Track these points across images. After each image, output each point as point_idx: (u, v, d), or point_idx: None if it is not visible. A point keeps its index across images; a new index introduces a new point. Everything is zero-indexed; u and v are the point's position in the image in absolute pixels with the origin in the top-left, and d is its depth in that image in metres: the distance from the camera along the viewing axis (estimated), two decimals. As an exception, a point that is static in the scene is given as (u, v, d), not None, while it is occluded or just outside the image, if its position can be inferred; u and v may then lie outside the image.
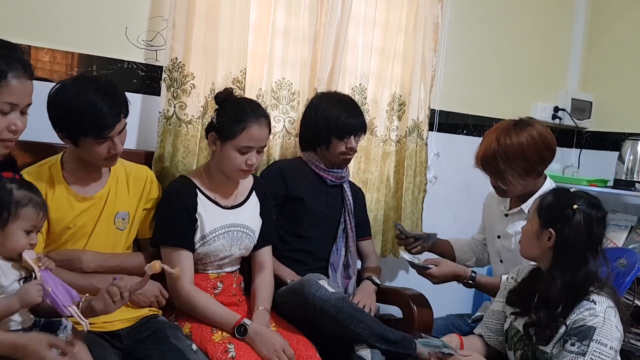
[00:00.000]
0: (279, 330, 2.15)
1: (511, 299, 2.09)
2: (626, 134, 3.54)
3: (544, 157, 2.33)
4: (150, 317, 2.04)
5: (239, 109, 2.15)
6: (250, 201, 2.30)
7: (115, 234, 2.04)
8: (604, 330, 1.82)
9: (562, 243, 1.91)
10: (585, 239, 1.90)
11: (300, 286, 2.19)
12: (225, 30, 2.42)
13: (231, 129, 2.12)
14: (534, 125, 2.34)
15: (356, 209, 2.65)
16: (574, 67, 3.91)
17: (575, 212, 1.90)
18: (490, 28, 3.49)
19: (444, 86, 3.24)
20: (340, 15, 2.69)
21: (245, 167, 2.15)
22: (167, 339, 1.92)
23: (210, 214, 2.18)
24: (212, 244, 2.17)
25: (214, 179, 2.22)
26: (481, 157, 2.37)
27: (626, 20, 3.77)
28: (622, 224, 3.47)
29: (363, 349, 2.12)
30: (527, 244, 2.02)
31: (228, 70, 2.44)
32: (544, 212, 1.96)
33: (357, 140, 2.55)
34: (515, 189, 2.36)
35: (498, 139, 2.31)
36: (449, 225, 3.28)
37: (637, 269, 2.51)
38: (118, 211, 2.04)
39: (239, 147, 2.12)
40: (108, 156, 1.93)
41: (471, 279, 2.43)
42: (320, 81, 2.69)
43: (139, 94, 2.41)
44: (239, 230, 2.23)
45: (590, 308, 1.85)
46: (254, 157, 2.15)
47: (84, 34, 2.28)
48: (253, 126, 2.12)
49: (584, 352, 1.81)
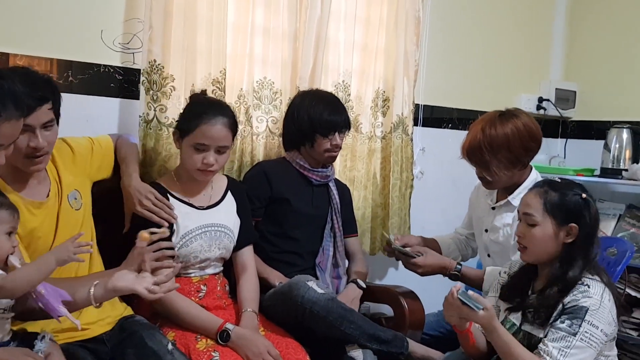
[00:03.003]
0: (268, 334, 2.12)
1: (505, 294, 2.07)
2: (611, 123, 3.54)
3: (529, 147, 2.32)
4: (127, 317, 2.01)
5: (197, 106, 2.15)
6: (226, 201, 2.27)
7: (73, 215, 1.95)
8: (598, 313, 1.83)
9: (586, 233, 1.93)
10: (598, 223, 1.99)
11: (289, 288, 2.16)
12: (203, 30, 2.38)
13: (187, 125, 2.11)
14: (519, 116, 2.34)
15: (343, 206, 2.62)
16: (557, 57, 3.91)
17: (587, 200, 1.94)
18: (471, 21, 3.47)
19: (428, 80, 3.22)
20: (320, 12, 2.66)
21: (202, 166, 2.10)
22: (143, 342, 1.88)
23: (183, 215, 2.15)
24: (189, 245, 2.14)
25: (185, 182, 2.19)
26: (467, 148, 2.36)
27: (607, 9, 3.76)
28: (610, 213, 3.47)
29: (354, 350, 2.11)
30: (544, 247, 1.95)
31: (207, 71, 2.40)
32: (557, 210, 1.93)
33: (342, 137, 2.52)
34: (500, 180, 2.34)
35: (483, 130, 2.31)
36: (436, 220, 3.27)
37: (627, 257, 2.51)
38: (68, 193, 1.96)
39: (194, 143, 2.09)
40: (28, 151, 1.76)
41: (457, 271, 2.42)
42: (303, 79, 2.66)
43: (117, 98, 2.37)
44: (217, 230, 2.20)
45: (584, 291, 1.86)
46: (211, 156, 2.10)
47: (57, 38, 2.23)
48: (207, 123, 2.08)
49: (575, 331, 1.81)
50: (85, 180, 2.06)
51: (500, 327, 1.88)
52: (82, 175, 2.05)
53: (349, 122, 2.55)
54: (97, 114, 2.33)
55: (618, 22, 3.71)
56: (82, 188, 2.02)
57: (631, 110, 3.61)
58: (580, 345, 1.80)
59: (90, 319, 1.87)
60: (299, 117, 2.48)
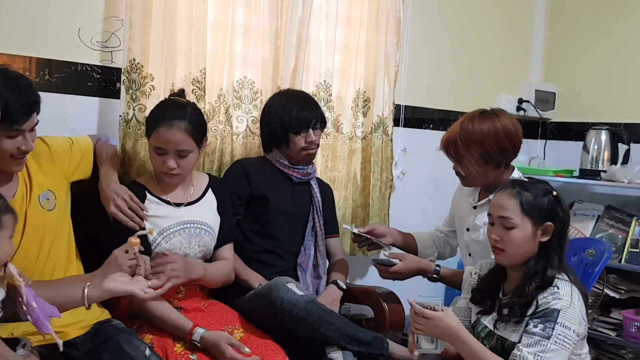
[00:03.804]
0: (247, 335, 2.10)
1: (475, 298, 2.07)
2: (590, 124, 3.57)
3: (504, 147, 2.31)
4: (103, 322, 1.99)
5: (156, 109, 2.15)
6: (206, 198, 2.26)
7: (44, 216, 1.92)
8: (568, 314, 1.83)
9: (560, 229, 1.94)
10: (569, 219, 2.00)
11: (268, 290, 2.14)
12: (183, 29, 2.37)
13: (148, 128, 2.14)
14: (499, 116, 2.35)
15: (324, 206, 2.61)
16: (537, 59, 3.94)
17: (558, 197, 1.95)
18: (452, 21, 3.48)
19: (408, 81, 3.23)
20: (301, 11, 2.65)
21: (164, 169, 2.10)
22: (120, 347, 1.86)
23: (162, 213, 2.14)
24: (169, 241, 2.13)
25: (163, 180, 2.18)
26: (444, 141, 2.38)
27: (587, 12, 3.79)
28: (589, 214, 3.49)
29: (334, 352, 2.10)
30: (523, 249, 1.94)
31: (187, 70, 2.38)
32: (533, 211, 1.93)
33: (317, 133, 2.50)
34: (472, 175, 2.35)
35: (462, 124, 2.34)
36: (417, 220, 3.27)
37: (605, 258, 2.52)
38: (39, 194, 1.93)
39: (153, 146, 2.11)
40: (14, 153, 1.78)
41: (435, 272, 2.42)
42: (284, 79, 2.65)
43: (95, 97, 2.34)
44: (196, 227, 2.19)
45: (554, 292, 1.86)
46: (171, 160, 2.09)
47: (34, 36, 2.20)
48: (162, 128, 2.08)
49: (548, 335, 1.80)
50: (62, 180, 2.03)
51: (468, 336, 1.87)
52: (58, 176, 2.02)
53: (323, 118, 2.53)
54: (75, 113, 2.30)
55: (597, 25, 3.74)
56: (57, 188, 1.99)
57: (610, 112, 3.64)
58: (554, 348, 1.80)
59: (64, 322, 1.83)
60: (271, 118, 2.47)
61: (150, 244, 2.11)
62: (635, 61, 3.58)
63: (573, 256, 2.60)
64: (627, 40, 3.61)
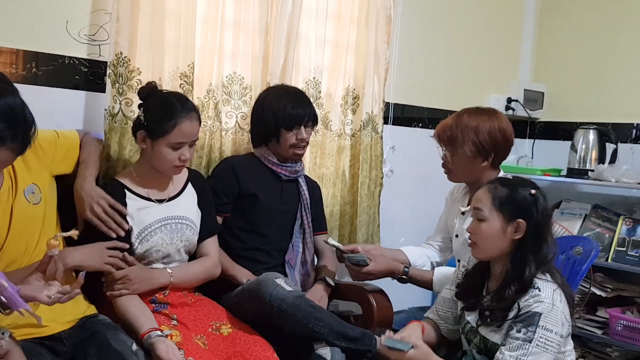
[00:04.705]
0: (235, 331, 2.09)
1: (460, 294, 2.07)
2: (578, 124, 3.58)
3: (496, 139, 2.32)
4: (89, 317, 1.98)
5: (168, 105, 2.09)
6: (186, 192, 2.25)
7: (30, 210, 1.90)
8: (550, 317, 1.83)
9: (534, 229, 1.92)
10: (549, 220, 1.97)
11: (257, 286, 2.13)
12: (172, 23, 2.34)
13: (162, 127, 2.06)
14: (496, 113, 2.39)
15: (312, 203, 2.60)
16: (526, 59, 3.94)
17: (536, 196, 1.93)
18: (442, 20, 3.49)
19: (398, 79, 3.22)
20: (291, 7, 2.64)
21: (179, 162, 2.10)
22: (106, 342, 1.85)
23: (143, 210, 2.13)
24: (149, 239, 2.12)
25: (145, 176, 2.16)
26: (440, 126, 2.41)
27: (576, 12, 3.81)
28: (577, 212, 3.51)
29: (322, 348, 2.08)
30: (491, 243, 1.95)
31: (175, 65, 2.36)
32: (505, 205, 1.93)
33: (309, 131, 2.49)
34: (459, 167, 2.34)
35: (458, 114, 2.38)
36: (405, 217, 3.28)
37: (592, 256, 2.53)
38: (24, 188, 1.90)
39: (172, 143, 2.07)
40: None
41: (404, 274, 2.43)
42: (273, 75, 2.64)
43: (82, 91, 2.32)
44: (177, 222, 2.17)
45: (535, 295, 1.86)
46: (187, 151, 2.10)
47: (21, 28, 2.17)
48: (184, 121, 2.07)
49: (530, 338, 1.81)
50: (46, 174, 2.01)
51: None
52: (42, 169, 1.99)
53: (315, 116, 2.52)
54: (62, 106, 2.28)
55: (586, 25, 3.76)
56: (42, 182, 1.97)
57: (598, 111, 3.65)
58: (536, 351, 1.81)
59: (49, 316, 1.81)
60: (264, 112, 2.46)
61: (132, 243, 2.09)
62: (624, 61, 3.60)
63: (561, 254, 2.60)
64: (615, 41, 3.63)
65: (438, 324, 2.16)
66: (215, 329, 2.10)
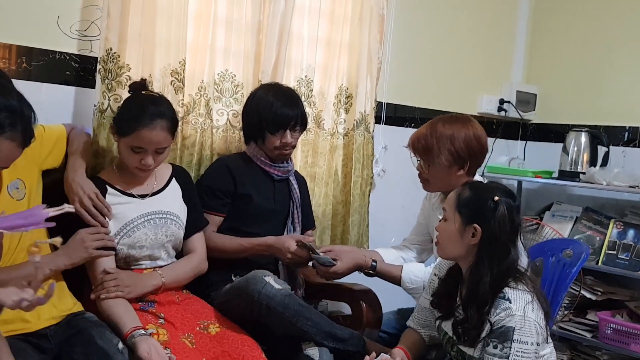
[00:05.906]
0: (223, 330, 2.08)
1: (434, 302, 2.05)
2: (570, 126, 3.59)
3: (472, 147, 2.29)
4: (76, 314, 1.96)
5: (136, 107, 2.07)
6: (170, 187, 2.23)
7: (14, 206, 1.87)
8: (524, 329, 1.81)
9: (489, 237, 1.87)
10: (509, 230, 1.89)
11: (245, 283, 2.12)
12: (163, 19, 2.33)
13: (123, 126, 2.06)
14: (470, 120, 2.35)
15: (302, 200, 2.59)
16: (519, 60, 3.95)
17: (498, 203, 1.88)
18: (435, 21, 3.48)
19: (391, 79, 3.22)
20: (284, 5, 2.62)
21: (140, 165, 2.07)
22: (92, 340, 1.83)
23: (124, 206, 2.11)
24: (132, 234, 2.10)
25: (126, 172, 2.14)
26: (414, 136, 2.38)
27: (569, 13, 3.81)
28: (567, 215, 3.51)
29: (311, 348, 2.08)
30: (449, 243, 1.94)
31: (166, 61, 2.35)
32: (465, 208, 1.91)
33: (295, 135, 2.45)
34: (436, 176, 2.32)
35: (432, 123, 2.35)
36: (396, 217, 3.27)
37: (582, 259, 2.53)
38: (7, 183, 1.88)
39: (131, 146, 2.05)
40: None
41: (372, 268, 2.40)
42: (265, 73, 2.62)
43: (72, 86, 2.30)
44: (161, 217, 2.16)
45: (507, 308, 1.82)
46: (149, 158, 2.06)
47: (12, 23, 2.16)
48: (144, 129, 2.02)
49: (507, 354, 1.79)
50: (32, 168, 1.99)
51: None
52: (28, 164, 1.97)
53: (303, 120, 2.48)
54: (52, 102, 2.26)
55: (579, 28, 3.76)
56: (27, 177, 1.95)
57: (590, 114, 3.66)
58: None
59: (34, 311, 1.74)
60: (251, 110, 2.44)
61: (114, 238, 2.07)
62: (616, 64, 3.61)
63: (551, 257, 2.61)
64: (608, 44, 3.64)
65: (419, 332, 2.14)
66: (203, 327, 2.08)
